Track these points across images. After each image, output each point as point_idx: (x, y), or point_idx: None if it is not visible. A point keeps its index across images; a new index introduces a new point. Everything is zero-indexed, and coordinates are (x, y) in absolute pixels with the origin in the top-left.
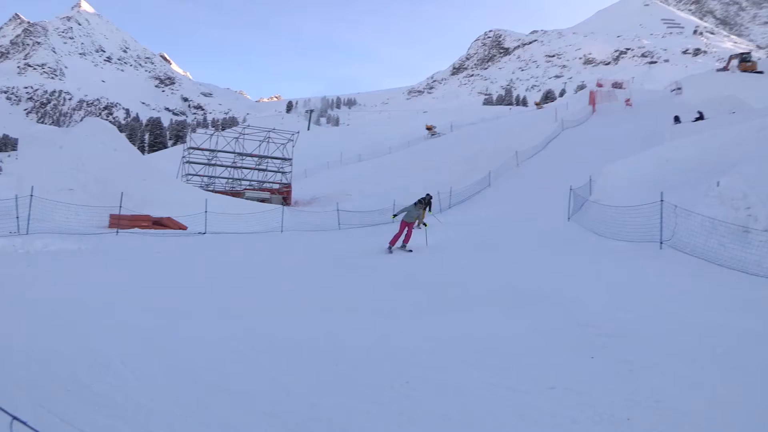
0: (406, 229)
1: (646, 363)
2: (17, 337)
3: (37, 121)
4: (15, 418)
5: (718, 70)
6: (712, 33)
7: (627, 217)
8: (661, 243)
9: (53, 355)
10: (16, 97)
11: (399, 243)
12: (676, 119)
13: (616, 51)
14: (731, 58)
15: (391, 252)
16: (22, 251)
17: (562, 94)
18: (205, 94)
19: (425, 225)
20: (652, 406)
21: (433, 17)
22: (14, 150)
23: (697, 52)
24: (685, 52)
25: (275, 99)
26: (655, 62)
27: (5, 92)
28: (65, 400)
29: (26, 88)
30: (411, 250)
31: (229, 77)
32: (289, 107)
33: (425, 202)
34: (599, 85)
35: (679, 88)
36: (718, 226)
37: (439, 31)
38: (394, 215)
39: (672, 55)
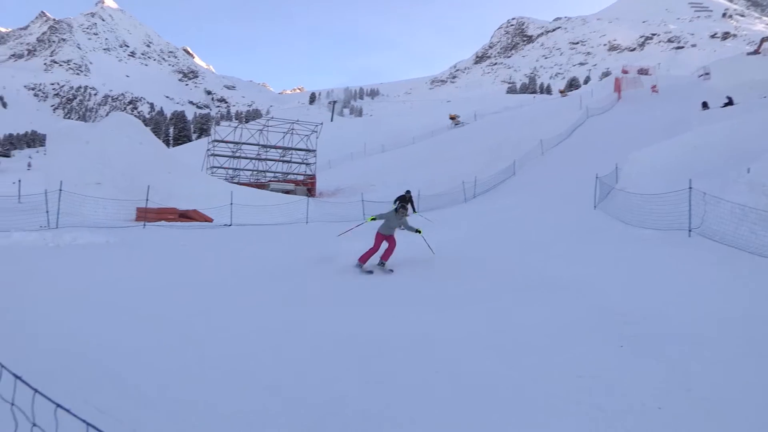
0: (384, 242)
1: (676, 352)
2: (50, 329)
3: (64, 117)
4: (59, 405)
5: (749, 53)
6: (743, 15)
7: (654, 205)
8: (690, 231)
9: (85, 347)
10: (43, 93)
11: (376, 259)
12: (704, 105)
13: (641, 37)
14: (763, 41)
15: (362, 271)
16: (52, 245)
17: (586, 81)
18: (228, 87)
19: (419, 231)
20: (683, 396)
21: (456, 6)
22: (42, 146)
23: (726, 35)
24: (713, 36)
25: (298, 91)
26: (682, 47)
27: (33, 89)
28: (99, 391)
29: (53, 84)
30: (392, 270)
31: (251, 70)
32: (312, 99)
33: (407, 201)
34: (624, 72)
35: (707, 74)
36: (749, 213)
37: (461, 20)
38: (373, 218)
39: (699, 39)
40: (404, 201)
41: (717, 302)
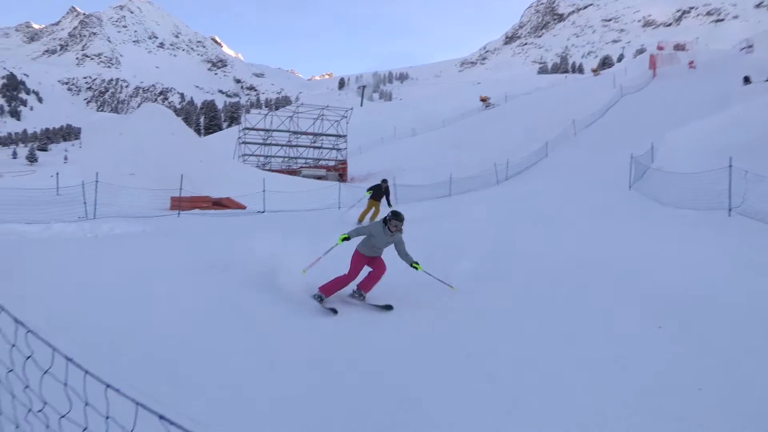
0: (366, 267)
1: (716, 333)
2: (94, 316)
3: (97, 110)
4: (108, 386)
5: None
6: None
7: (692, 184)
8: (730, 210)
9: (128, 333)
10: (77, 87)
11: (349, 289)
12: (746, 80)
13: (678, 11)
14: None
15: (321, 307)
16: (90, 235)
17: (620, 59)
18: (257, 75)
19: (416, 266)
20: (723, 377)
21: None
22: (77, 139)
23: None
24: (758, 6)
25: (327, 77)
26: (722, 20)
27: (66, 83)
28: (141, 374)
29: (85, 78)
30: (390, 307)
31: (280, 57)
32: (342, 84)
33: (383, 193)
34: (660, 48)
35: (750, 46)
36: None
37: (490, 0)
38: (345, 236)
39: (742, 10)
40: (379, 193)
41: (759, 283)
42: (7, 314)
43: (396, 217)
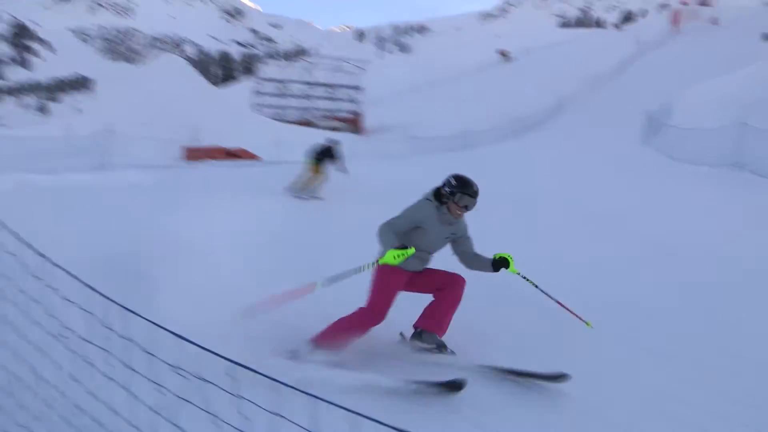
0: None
1: (713, 282)
2: (108, 252)
3: (111, 60)
4: (128, 309)
5: None
6: None
7: (705, 141)
8: (741, 167)
9: (144, 265)
10: (89, 36)
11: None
12: (766, 37)
13: None
14: None
15: (319, 353)
16: (104, 184)
17: (642, 14)
18: (274, 26)
19: (504, 263)
20: (717, 323)
21: None
22: (90, 89)
23: None
24: None
25: (345, 29)
26: None
27: (78, 32)
28: (154, 301)
29: (98, 27)
30: (565, 376)
31: (297, 7)
32: (360, 36)
33: (327, 156)
34: (683, 3)
35: None
36: None
37: None
38: (401, 252)
39: None
40: (328, 155)
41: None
42: (33, 250)
43: (464, 187)
